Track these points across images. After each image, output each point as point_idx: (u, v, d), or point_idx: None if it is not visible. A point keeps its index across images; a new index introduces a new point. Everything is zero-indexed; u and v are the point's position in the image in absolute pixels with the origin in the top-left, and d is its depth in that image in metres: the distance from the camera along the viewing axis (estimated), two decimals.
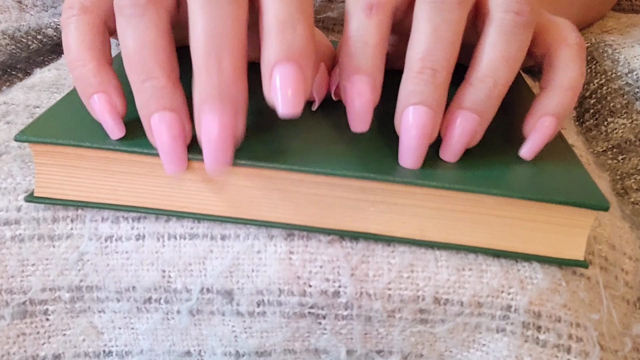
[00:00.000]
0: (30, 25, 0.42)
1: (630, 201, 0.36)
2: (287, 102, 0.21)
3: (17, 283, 0.25)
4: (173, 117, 0.22)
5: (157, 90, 0.22)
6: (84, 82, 0.23)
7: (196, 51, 0.21)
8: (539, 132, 0.25)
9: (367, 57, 0.23)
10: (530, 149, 0.25)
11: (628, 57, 0.38)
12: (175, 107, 0.22)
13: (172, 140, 0.22)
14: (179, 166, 0.23)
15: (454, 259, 0.24)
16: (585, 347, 0.24)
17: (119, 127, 0.24)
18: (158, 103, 0.22)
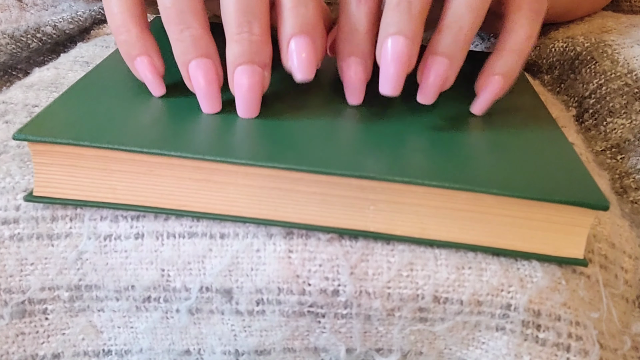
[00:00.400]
0: (29, 24, 0.42)
1: (629, 200, 0.36)
2: (302, 68, 0.25)
3: (15, 282, 0.25)
4: (209, 63, 0.25)
5: (195, 39, 0.25)
6: (129, 46, 0.26)
7: (229, 18, 0.25)
8: (488, 90, 0.27)
9: (359, 41, 0.27)
10: (480, 104, 0.28)
11: (627, 57, 0.39)
12: (210, 54, 0.25)
13: (208, 84, 0.25)
14: (214, 106, 0.26)
15: (453, 257, 0.24)
16: (584, 345, 0.24)
17: (160, 85, 0.27)
18: (196, 51, 0.25)
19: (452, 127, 0.27)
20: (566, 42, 0.41)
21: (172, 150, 0.23)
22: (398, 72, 0.25)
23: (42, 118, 0.25)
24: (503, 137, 0.27)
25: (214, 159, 0.23)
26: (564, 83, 0.41)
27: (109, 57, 0.32)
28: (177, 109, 0.26)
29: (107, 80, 0.29)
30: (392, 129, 0.26)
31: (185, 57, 0.25)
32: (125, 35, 0.26)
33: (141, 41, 0.26)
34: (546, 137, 0.27)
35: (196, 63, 0.25)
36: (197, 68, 0.25)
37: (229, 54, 0.25)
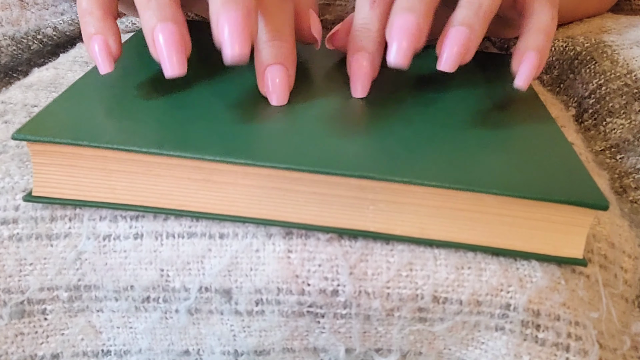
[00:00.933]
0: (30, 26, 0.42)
1: (628, 200, 0.36)
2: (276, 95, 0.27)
3: (15, 282, 0.25)
4: (174, 26, 0.25)
5: (160, 5, 0.25)
6: (88, 26, 0.27)
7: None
8: (527, 63, 0.28)
9: (369, 40, 0.29)
10: (523, 78, 0.28)
11: (627, 58, 0.39)
12: (176, 19, 0.25)
13: (172, 43, 0.25)
14: (178, 69, 0.25)
15: (453, 257, 0.24)
16: (584, 345, 0.24)
17: (109, 63, 0.27)
18: (160, 15, 0.25)
19: (451, 127, 0.27)
20: (566, 42, 0.41)
21: (171, 150, 0.23)
22: (407, 45, 0.26)
23: (41, 118, 0.25)
24: (502, 137, 0.27)
25: (213, 158, 0.23)
26: (563, 83, 0.41)
27: None
28: (176, 109, 0.26)
29: (107, 80, 0.29)
30: (392, 129, 0.26)
31: (149, 22, 0.25)
32: (88, 17, 0.27)
33: (101, 22, 0.27)
34: (546, 137, 0.27)
35: (160, 26, 0.25)
36: (161, 30, 0.25)
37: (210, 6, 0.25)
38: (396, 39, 0.26)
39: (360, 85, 0.29)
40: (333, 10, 0.42)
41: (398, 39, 0.26)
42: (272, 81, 0.27)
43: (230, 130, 0.25)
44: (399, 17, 0.26)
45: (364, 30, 0.29)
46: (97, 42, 0.27)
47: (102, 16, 0.27)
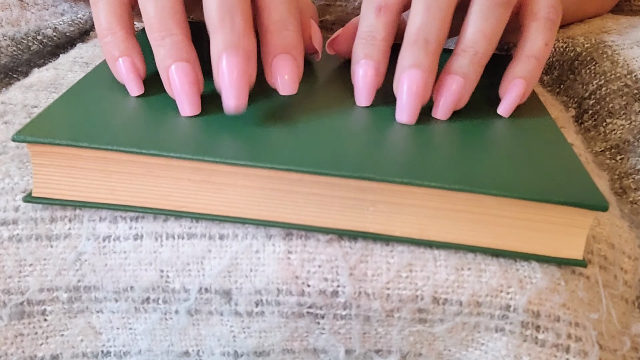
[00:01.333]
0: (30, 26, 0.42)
1: (628, 200, 0.36)
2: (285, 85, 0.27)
3: (14, 283, 0.25)
4: (189, 67, 0.26)
5: (175, 44, 0.26)
6: (112, 47, 0.27)
7: (211, 13, 0.25)
8: (511, 92, 0.29)
9: (375, 48, 0.28)
10: (505, 107, 0.29)
11: (627, 58, 0.38)
12: (190, 59, 0.26)
13: (187, 84, 0.26)
14: (193, 108, 0.26)
15: (452, 258, 0.24)
16: (584, 346, 0.24)
17: (139, 85, 0.27)
18: (175, 55, 0.26)
19: (450, 128, 0.27)
20: (566, 43, 0.41)
21: (171, 151, 0.23)
22: (415, 101, 0.27)
23: (41, 119, 0.25)
24: (502, 138, 0.27)
25: (213, 160, 0.23)
26: (563, 84, 0.41)
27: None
28: (176, 110, 0.26)
29: (107, 82, 0.29)
30: (391, 131, 0.26)
31: (165, 61, 0.26)
32: (110, 37, 0.27)
33: (124, 43, 0.27)
34: (545, 137, 0.27)
35: (176, 66, 0.25)
36: (176, 71, 0.26)
37: (212, 45, 0.25)
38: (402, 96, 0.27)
39: (365, 95, 0.28)
40: (333, 11, 0.42)
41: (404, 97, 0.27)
42: (281, 71, 0.27)
43: (230, 131, 0.25)
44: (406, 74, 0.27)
45: (370, 38, 0.28)
46: (125, 65, 0.27)
47: (125, 36, 0.27)
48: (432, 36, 0.27)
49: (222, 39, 0.25)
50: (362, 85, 0.28)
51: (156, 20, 0.26)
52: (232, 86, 0.25)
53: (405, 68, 0.27)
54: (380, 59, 0.28)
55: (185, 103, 0.26)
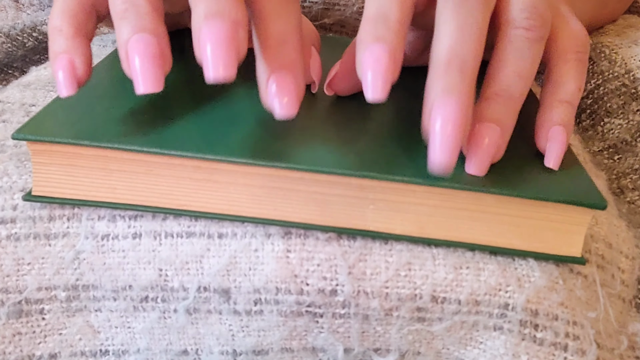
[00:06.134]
0: (25, 23, 0.42)
1: (626, 200, 0.36)
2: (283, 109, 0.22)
3: (12, 282, 0.25)
4: (150, 39, 0.22)
5: (139, 15, 0.22)
6: (55, 45, 0.24)
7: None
8: (556, 141, 0.25)
9: (389, 29, 0.22)
10: (554, 159, 0.25)
11: (625, 57, 0.39)
12: (155, 31, 0.22)
13: (148, 59, 0.22)
14: (151, 85, 0.22)
15: (451, 257, 0.24)
16: (582, 345, 0.24)
17: (70, 86, 0.23)
18: (137, 26, 0.22)
19: None
20: None
21: (172, 149, 0.23)
22: (455, 139, 0.21)
23: (41, 117, 0.25)
24: None
25: (214, 158, 0.23)
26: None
27: (108, 56, 0.32)
28: (177, 108, 0.26)
29: (106, 79, 0.28)
30: (391, 129, 0.26)
31: (124, 35, 0.22)
32: (56, 34, 0.24)
33: (69, 41, 0.24)
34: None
35: (135, 38, 0.22)
36: (134, 42, 0.22)
37: (193, 18, 0.22)
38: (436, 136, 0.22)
39: (379, 86, 0.22)
40: (332, 14, 0.42)
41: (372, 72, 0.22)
42: (279, 92, 0.22)
43: (231, 129, 0.25)
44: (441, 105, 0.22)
45: (381, 18, 0.23)
46: (61, 62, 0.23)
47: (73, 34, 0.24)
48: (469, 57, 0.22)
49: (204, 7, 0.21)
50: (375, 74, 0.22)
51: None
52: (214, 52, 0.21)
53: (439, 96, 0.22)
54: (396, 44, 0.22)
55: (140, 77, 0.22)
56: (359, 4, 0.41)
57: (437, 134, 0.21)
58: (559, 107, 0.25)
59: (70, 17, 0.24)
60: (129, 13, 0.22)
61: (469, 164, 0.23)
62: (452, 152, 0.21)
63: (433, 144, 0.22)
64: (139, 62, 0.21)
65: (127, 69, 0.22)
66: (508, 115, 0.24)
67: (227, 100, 0.27)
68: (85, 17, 0.25)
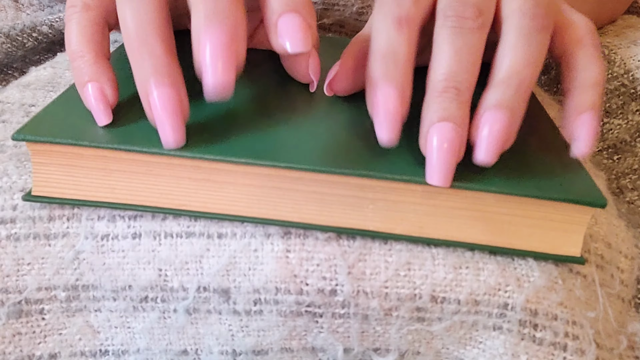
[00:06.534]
0: (25, 23, 0.42)
1: (625, 200, 0.37)
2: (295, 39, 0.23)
3: (12, 282, 0.25)
4: (172, 93, 0.23)
5: (156, 66, 0.23)
6: (81, 72, 0.25)
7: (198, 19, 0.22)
8: (586, 128, 0.24)
9: (398, 69, 0.23)
10: (584, 145, 0.25)
11: (624, 57, 0.39)
12: (174, 83, 0.23)
13: (171, 115, 0.23)
14: (177, 140, 0.23)
15: (451, 257, 0.24)
16: (581, 345, 0.24)
17: (106, 114, 0.25)
18: (157, 80, 0.23)
19: None
20: None
21: (171, 149, 0.23)
22: (449, 161, 0.22)
23: (41, 118, 0.25)
24: None
25: (213, 158, 0.23)
26: (559, 84, 0.41)
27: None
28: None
29: None
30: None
31: (145, 86, 0.23)
32: (78, 61, 0.25)
33: (93, 67, 0.25)
34: (543, 137, 0.27)
35: (157, 93, 0.23)
36: (159, 98, 0.23)
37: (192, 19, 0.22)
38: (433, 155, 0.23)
39: (390, 128, 0.23)
40: (331, 14, 0.42)
41: (435, 156, 0.23)
42: (290, 29, 0.23)
43: (230, 129, 0.25)
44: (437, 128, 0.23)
45: (390, 54, 0.23)
46: (92, 91, 0.24)
47: (95, 59, 0.25)
48: (463, 84, 0.23)
49: (204, 11, 0.22)
50: (385, 117, 0.23)
51: (136, 35, 0.23)
52: (213, 62, 0.22)
53: (434, 121, 0.23)
54: (405, 82, 0.23)
55: (168, 135, 0.23)
56: (358, 5, 0.41)
57: (433, 154, 0.23)
58: (588, 92, 0.25)
59: (88, 41, 0.25)
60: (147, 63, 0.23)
61: (477, 152, 0.23)
62: (447, 173, 0.23)
63: (429, 165, 0.23)
64: (163, 118, 0.23)
65: (152, 120, 0.23)
66: (517, 100, 0.23)
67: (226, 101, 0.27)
68: (102, 37, 0.26)
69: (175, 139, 0.23)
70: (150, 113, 0.23)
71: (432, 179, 0.23)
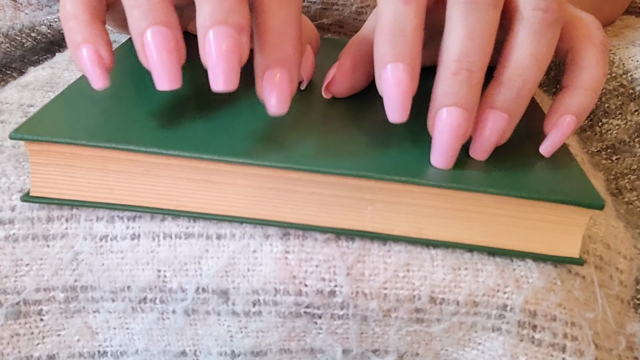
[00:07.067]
0: (24, 23, 0.42)
1: (624, 201, 0.37)
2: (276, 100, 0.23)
3: (10, 283, 0.25)
4: (167, 32, 0.22)
5: (152, 5, 0.22)
6: (74, 33, 0.24)
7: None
8: (559, 130, 0.25)
9: (406, 44, 0.23)
10: (550, 146, 0.26)
11: (623, 58, 0.39)
12: (169, 22, 0.22)
13: (165, 54, 0.22)
14: (171, 81, 0.23)
15: (449, 258, 0.24)
16: (580, 345, 0.24)
17: (102, 76, 0.24)
18: (152, 17, 0.22)
19: None
20: None
21: (170, 149, 0.23)
22: (454, 145, 0.23)
23: (39, 117, 0.25)
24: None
25: (212, 158, 0.23)
26: (559, 84, 0.41)
27: None
28: (175, 108, 0.26)
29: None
30: (390, 130, 0.26)
31: (139, 25, 0.22)
32: (72, 22, 0.24)
33: (88, 28, 0.24)
34: (542, 137, 0.27)
35: (152, 31, 0.22)
36: (152, 36, 0.22)
37: (197, 18, 0.22)
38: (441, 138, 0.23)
39: (401, 108, 0.23)
40: (330, 14, 0.42)
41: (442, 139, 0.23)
42: (272, 89, 0.23)
43: (229, 130, 0.25)
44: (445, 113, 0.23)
45: (398, 31, 0.23)
46: (87, 53, 0.23)
47: (90, 21, 0.24)
48: (476, 65, 0.23)
49: (208, 9, 0.22)
50: (396, 96, 0.23)
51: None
52: (217, 65, 0.22)
53: (444, 104, 0.23)
54: (415, 59, 0.23)
55: (163, 75, 0.22)
56: (358, 4, 0.41)
57: (437, 141, 0.23)
58: (580, 95, 0.25)
59: (82, 3, 0.24)
60: (142, 2, 0.22)
61: (472, 148, 0.25)
62: (450, 158, 0.24)
63: (434, 148, 0.24)
64: (158, 57, 0.22)
65: (146, 62, 0.23)
66: (518, 102, 0.24)
67: (225, 100, 0.27)
68: (98, 3, 0.25)
69: (169, 79, 0.22)
70: (143, 55, 0.23)
71: (437, 162, 0.24)
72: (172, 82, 0.23)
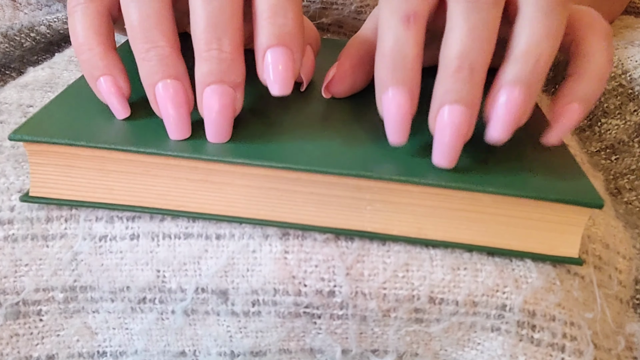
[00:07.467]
0: (23, 23, 0.42)
1: (623, 201, 0.37)
2: (279, 81, 0.23)
3: (10, 283, 0.25)
4: (177, 85, 0.24)
5: (162, 59, 0.23)
6: (91, 66, 0.25)
7: (197, 34, 0.23)
8: (566, 118, 0.25)
9: (406, 69, 0.23)
10: (556, 134, 0.25)
11: (622, 58, 0.39)
12: (178, 75, 0.24)
13: (176, 108, 0.24)
14: (182, 132, 0.24)
15: (449, 258, 0.24)
16: (579, 345, 0.24)
17: (124, 107, 0.25)
18: (162, 71, 0.23)
19: None
20: None
21: (169, 150, 0.23)
22: (456, 144, 0.23)
23: (38, 118, 0.25)
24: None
25: (210, 158, 0.23)
26: (558, 84, 0.41)
27: None
28: None
29: None
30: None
31: (151, 78, 0.23)
32: (87, 54, 0.24)
33: (104, 60, 0.24)
34: (541, 137, 0.27)
35: (163, 85, 0.23)
36: (164, 90, 0.23)
37: (197, 73, 0.23)
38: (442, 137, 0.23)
39: (401, 131, 0.23)
40: (330, 13, 0.42)
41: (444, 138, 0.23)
42: (274, 67, 0.23)
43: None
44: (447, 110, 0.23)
45: (399, 56, 0.23)
46: (107, 85, 0.25)
47: (105, 52, 0.24)
48: (478, 62, 0.22)
49: (207, 68, 0.23)
50: (397, 120, 0.23)
51: (140, 29, 0.23)
52: (213, 121, 0.24)
53: (446, 102, 0.23)
54: (414, 82, 0.23)
55: (174, 126, 0.24)
56: (357, 4, 0.41)
57: (439, 140, 0.23)
58: (586, 83, 0.25)
59: (95, 33, 0.25)
60: (152, 55, 0.23)
61: (492, 129, 0.23)
62: (452, 157, 0.23)
63: (436, 147, 0.23)
64: (169, 111, 0.24)
65: (158, 112, 0.24)
66: (534, 77, 0.23)
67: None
68: (108, 29, 0.25)
69: (180, 130, 0.24)
70: (155, 105, 0.24)
71: (439, 161, 0.23)
72: (183, 134, 0.24)
